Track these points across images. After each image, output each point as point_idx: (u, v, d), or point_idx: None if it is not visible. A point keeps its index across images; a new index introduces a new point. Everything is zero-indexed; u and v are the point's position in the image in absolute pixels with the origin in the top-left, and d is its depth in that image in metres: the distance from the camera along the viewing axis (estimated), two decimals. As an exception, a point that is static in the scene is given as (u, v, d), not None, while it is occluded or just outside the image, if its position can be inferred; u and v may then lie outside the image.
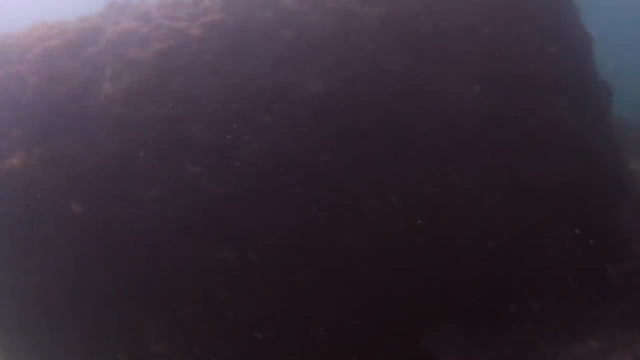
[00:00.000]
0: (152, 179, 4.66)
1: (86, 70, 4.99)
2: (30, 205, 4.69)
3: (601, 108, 5.92)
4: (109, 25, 5.09)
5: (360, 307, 5.03)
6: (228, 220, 4.61)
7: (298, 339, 5.03)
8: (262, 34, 4.85)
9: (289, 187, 4.67)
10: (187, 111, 4.70)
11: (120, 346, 5.03)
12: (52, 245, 4.78)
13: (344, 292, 4.87)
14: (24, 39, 5.28)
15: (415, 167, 4.91)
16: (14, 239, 4.81)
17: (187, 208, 4.61)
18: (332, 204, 4.69)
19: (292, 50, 4.81)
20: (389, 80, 4.87)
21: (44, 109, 4.90)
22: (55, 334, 4.88)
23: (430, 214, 4.93)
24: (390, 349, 5.36)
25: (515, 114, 5.24)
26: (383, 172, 4.80)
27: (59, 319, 4.76)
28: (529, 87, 5.31)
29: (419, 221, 4.85)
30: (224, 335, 4.92)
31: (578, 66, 5.72)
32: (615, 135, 6.17)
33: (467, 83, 5.05)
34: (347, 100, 4.78)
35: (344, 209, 4.71)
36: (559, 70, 5.55)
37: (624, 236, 6.00)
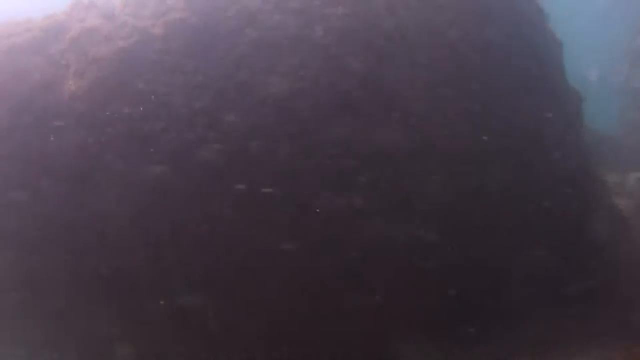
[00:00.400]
0: (114, 176, 4.67)
1: (50, 67, 4.99)
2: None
3: (571, 115, 5.96)
4: (74, 22, 5.09)
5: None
6: (192, 219, 4.62)
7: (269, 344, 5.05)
8: (225, 33, 4.86)
9: (252, 185, 4.68)
10: (150, 109, 4.71)
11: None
12: (18, 240, 4.80)
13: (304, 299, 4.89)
14: (-11, 35, 5.29)
15: (379, 169, 4.93)
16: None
17: (150, 206, 4.61)
18: (295, 202, 4.71)
19: (255, 50, 4.82)
20: (352, 81, 4.89)
21: (8, 104, 4.91)
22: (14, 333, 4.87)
23: (394, 216, 4.96)
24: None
25: (480, 118, 5.27)
26: (346, 172, 4.82)
27: (18, 317, 4.75)
28: (494, 92, 5.35)
29: (382, 222, 4.89)
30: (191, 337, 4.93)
31: (545, 71, 5.76)
32: (587, 144, 6.21)
33: (431, 85, 5.09)
34: (310, 100, 4.80)
35: (306, 208, 4.72)
36: (526, 75, 5.59)
37: (596, 247, 6.03)
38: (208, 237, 4.58)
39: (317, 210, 4.74)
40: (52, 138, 4.67)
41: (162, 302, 4.70)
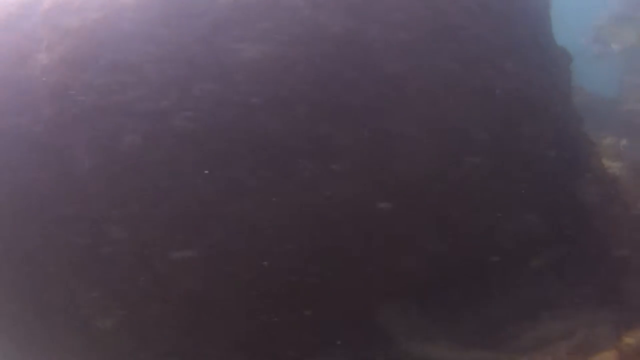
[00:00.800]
0: (87, 147, 4.64)
1: (24, 42, 4.96)
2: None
3: (559, 76, 5.80)
4: (48, -5, 5.05)
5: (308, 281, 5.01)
6: (163, 190, 4.58)
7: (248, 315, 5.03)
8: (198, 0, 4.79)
9: (225, 154, 4.62)
10: (122, 79, 4.66)
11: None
12: None
13: (286, 263, 4.84)
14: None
15: (358, 134, 4.84)
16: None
17: (122, 177, 4.58)
18: (268, 170, 4.64)
19: (227, 16, 4.74)
20: (328, 43, 4.79)
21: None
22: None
23: (374, 183, 4.87)
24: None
25: (463, 78, 5.14)
26: (322, 138, 4.74)
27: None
28: (476, 50, 5.22)
29: (360, 190, 4.81)
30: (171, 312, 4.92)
31: (532, 32, 5.60)
32: (575, 105, 6.05)
33: (411, 45, 4.96)
34: (284, 65, 4.71)
35: (281, 176, 4.65)
36: (511, 35, 5.44)
37: (585, 213, 5.89)
38: (182, 206, 4.54)
39: (295, 176, 4.69)
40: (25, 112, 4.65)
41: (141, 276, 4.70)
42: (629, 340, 4.71)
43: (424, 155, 4.95)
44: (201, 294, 4.78)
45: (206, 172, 4.54)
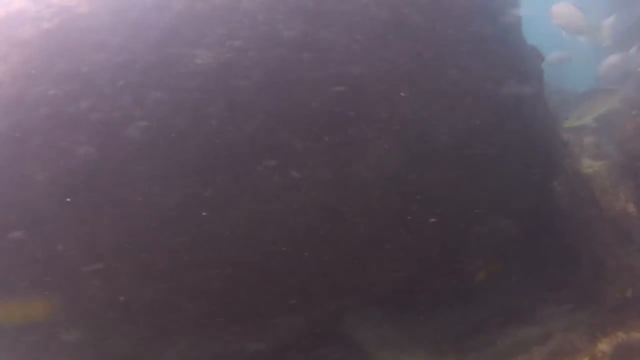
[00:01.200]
0: (41, 160, 4.57)
1: (-21, 54, 4.90)
2: None
3: (528, 74, 5.64)
4: (2, 6, 4.98)
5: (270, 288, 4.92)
6: (119, 202, 4.50)
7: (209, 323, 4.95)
8: (150, 7, 4.69)
9: (181, 164, 4.53)
10: (75, 89, 4.59)
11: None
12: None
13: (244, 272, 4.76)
14: None
15: (319, 140, 4.73)
16: None
17: (76, 190, 4.50)
18: (224, 179, 4.55)
19: (180, 22, 4.65)
20: (284, 48, 4.69)
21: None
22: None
23: (336, 189, 4.77)
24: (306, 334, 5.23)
25: (425, 77, 5.02)
26: (280, 145, 4.64)
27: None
28: (438, 50, 5.08)
29: (322, 197, 4.71)
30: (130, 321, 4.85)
31: (498, 28, 5.45)
32: (547, 103, 5.89)
33: (369, 47, 4.85)
34: (239, 71, 4.61)
35: (237, 186, 4.56)
36: (477, 33, 5.30)
37: (559, 215, 5.76)
38: (136, 215, 4.46)
39: (254, 185, 4.60)
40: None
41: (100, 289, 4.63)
42: (603, 346, 4.59)
43: (387, 160, 4.84)
44: (161, 304, 4.71)
45: (162, 182, 4.46)
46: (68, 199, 4.45)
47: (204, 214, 4.50)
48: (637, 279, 4.87)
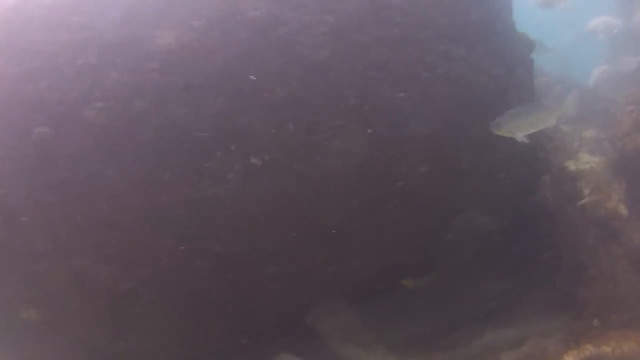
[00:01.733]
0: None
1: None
2: None
3: (514, 62, 5.30)
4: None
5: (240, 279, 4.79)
6: (74, 182, 4.41)
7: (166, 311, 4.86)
8: (113, -15, 4.56)
9: (138, 146, 4.41)
10: (34, 68, 4.50)
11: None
12: None
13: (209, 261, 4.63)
14: None
15: (281, 126, 4.53)
16: None
17: (32, 170, 4.43)
18: (183, 164, 4.41)
19: (142, 2, 4.50)
20: (248, 30, 4.50)
21: None
22: None
23: (300, 178, 4.58)
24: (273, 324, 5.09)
25: (400, 63, 4.75)
26: (241, 130, 4.46)
27: None
28: (419, 38, 4.80)
29: (283, 185, 4.52)
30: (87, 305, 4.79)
31: (484, 14, 5.12)
32: (534, 93, 5.54)
33: (338, 30, 4.61)
34: (201, 53, 4.45)
35: (200, 170, 4.41)
36: (456, 15, 4.98)
37: (540, 215, 5.43)
38: (92, 196, 4.37)
39: (212, 170, 4.44)
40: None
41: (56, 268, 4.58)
42: (569, 359, 4.32)
43: (355, 149, 4.62)
44: (115, 287, 4.62)
45: (118, 164, 4.35)
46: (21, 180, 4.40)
47: (161, 197, 4.39)
48: (618, 286, 4.55)
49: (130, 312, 4.78)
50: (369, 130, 4.61)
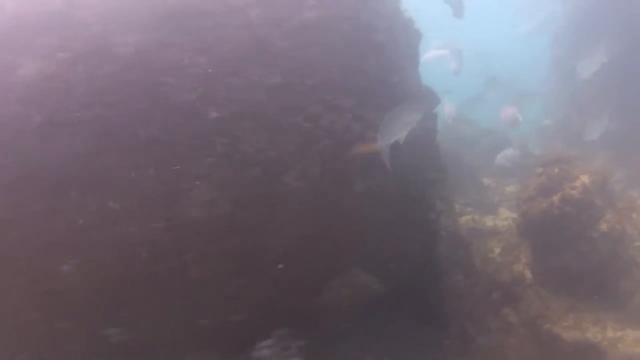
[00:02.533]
0: None
1: None
2: None
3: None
4: None
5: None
6: None
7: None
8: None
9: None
10: None
11: None
12: None
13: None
14: None
15: (143, 169, 4.31)
16: None
17: None
18: (38, 201, 4.23)
19: (9, 28, 4.32)
20: (115, 65, 4.28)
21: None
22: None
23: (161, 227, 4.35)
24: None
25: (281, 113, 4.49)
26: (99, 173, 4.26)
27: None
28: (302, 82, 4.52)
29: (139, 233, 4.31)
30: None
31: (386, 70, 4.79)
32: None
33: (215, 73, 4.36)
34: (63, 86, 4.25)
35: (52, 209, 4.22)
36: (351, 76, 4.67)
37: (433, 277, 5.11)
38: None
39: (67, 211, 4.26)
40: None
41: None
42: None
43: (218, 200, 4.39)
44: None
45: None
46: None
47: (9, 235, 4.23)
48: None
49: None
50: (238, 181, 4.37)
